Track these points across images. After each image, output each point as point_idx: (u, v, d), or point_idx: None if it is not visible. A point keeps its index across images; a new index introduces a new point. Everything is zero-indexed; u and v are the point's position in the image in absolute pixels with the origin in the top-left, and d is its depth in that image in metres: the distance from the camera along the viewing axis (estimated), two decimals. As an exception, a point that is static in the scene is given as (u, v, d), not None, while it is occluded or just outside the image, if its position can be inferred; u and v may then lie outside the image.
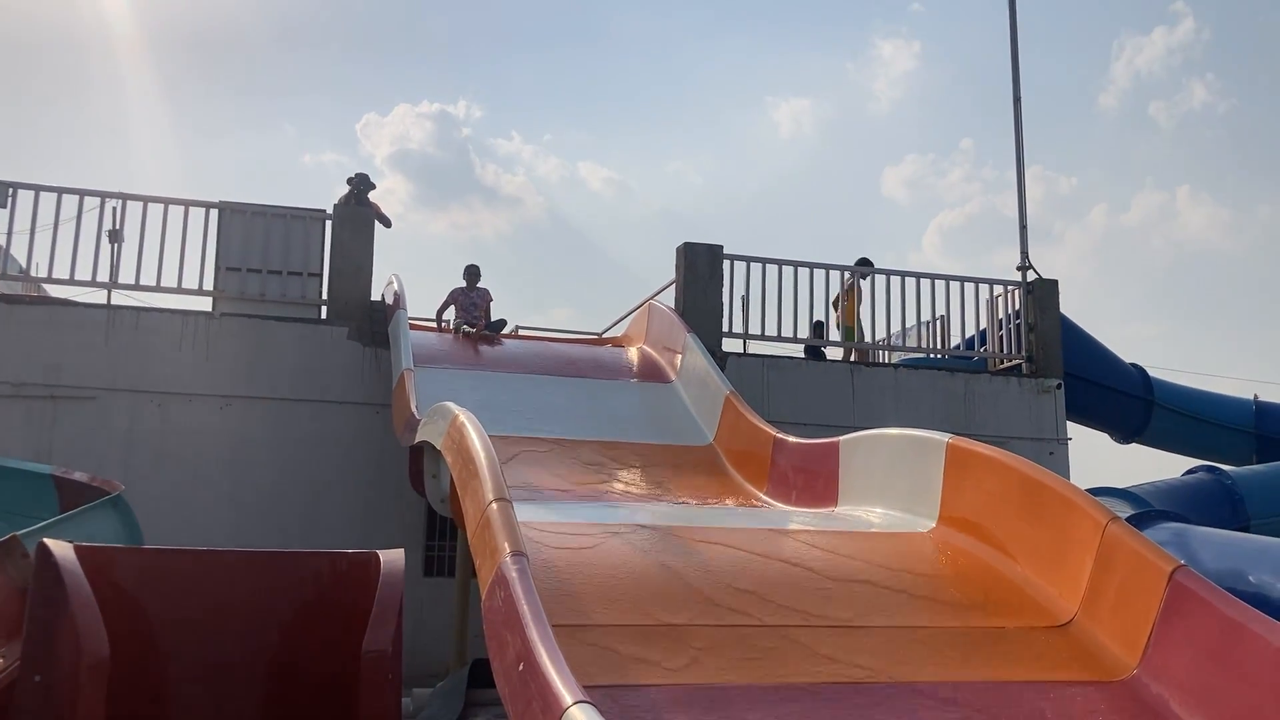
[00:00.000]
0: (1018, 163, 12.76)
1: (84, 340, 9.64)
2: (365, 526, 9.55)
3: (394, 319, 9.91)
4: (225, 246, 10.36)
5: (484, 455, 4.61)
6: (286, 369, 10.09)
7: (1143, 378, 13.94)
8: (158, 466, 9.51)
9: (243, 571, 3.81)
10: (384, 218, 11.30)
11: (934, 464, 5.22)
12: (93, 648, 3.24)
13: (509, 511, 3.99)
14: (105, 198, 10.10)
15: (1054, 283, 12.33)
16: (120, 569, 3.61)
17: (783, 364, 11.46)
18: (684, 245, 11.37)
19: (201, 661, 3.60)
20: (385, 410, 9.37)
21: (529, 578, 3.46)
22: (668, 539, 5.28)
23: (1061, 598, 4.22)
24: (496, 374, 9.71)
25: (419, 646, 8.90)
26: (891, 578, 4.58)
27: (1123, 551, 3.97)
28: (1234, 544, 6.84)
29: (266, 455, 9.88)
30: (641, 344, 11.05)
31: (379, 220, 11.02)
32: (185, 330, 9.92)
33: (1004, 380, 12.00)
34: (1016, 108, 12.89)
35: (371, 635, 3.56)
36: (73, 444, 9.34)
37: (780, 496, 6.90)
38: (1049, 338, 12.15)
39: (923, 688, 3.67)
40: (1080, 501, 4.31)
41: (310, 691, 3.66)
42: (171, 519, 8.77)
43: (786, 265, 11.42)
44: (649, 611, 4.04)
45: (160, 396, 9.72)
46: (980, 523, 4.84)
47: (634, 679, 3.50)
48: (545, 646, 2.98)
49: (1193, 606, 3.62)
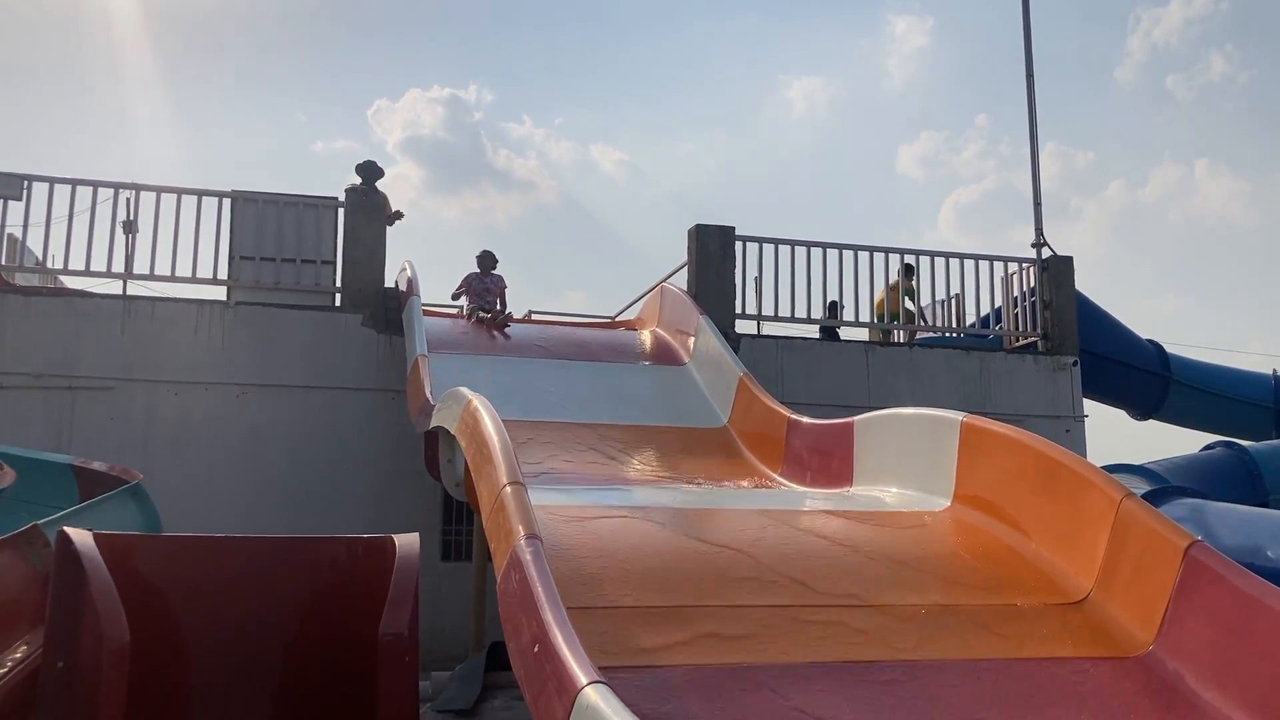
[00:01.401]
0: (1031, 139, 12.67)
1: (101, 331, 9.70)
2: (382, 512, 9.59)
3: (408, 305, 9.93)
4: (239, 235, 10.38)
5: (497, 439, 4.62)
6: (302, 356, 10.13)
7: (1159, 354, 13.85)
8: (175, 455, 9.58)
9: (260, 557, 3.84)
10: (390, 216, 11.03)
11: (948, 443, 5.21)
12: (113, 633, 3.28)
13: (523, 495, 4.00)
14: (119, 189, 10.14)
15: (1069, 259, 12.26)
16: (139, 556, 3.65)
17: (797, 345, 11.43)
18: (696, 227, 11.35)
19: (220, 646, 3.64)
20: (400, 396, 9.41)
21: (543, 560, 3.47)
22: (682, 521, 5.30)
23: (1077, 575, 4.21)
24: (510, 359, 9.72)
25: (438, 630, 8.97)
26: (906, 556, 4.58)
27: (1138, 528, 3.96)
28: (1252, 519, 6.81)
29: (283, 442, 9.93)
30: (654, 327, 11.05)
31: (385, 219, 10.89)
32: (201, 319, 9.97)
33: (1020, 358, 11.95)
34: (1029, 83, 12.78)
35: (388, 618, 3.58)
36: (91, 434, 9.42)
37: (795, 478, 6.90)
38: (1064, 315, 12.09)
39: (937, 665, 3.68)
40: (1095, 478, 4.29)
41: (328, 675, 3.69)
42: (190, 506, 8.82)
43: (799, 246, 11.39)
44: (664, 593, 4.06)
45: (177, 385, 9.78)
46: (995, 501, 4.84)
47: (649, 660, 3.52)
48: (560, 628, 2.99)
49: (1208, 582, 3.61)
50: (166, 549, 3.86)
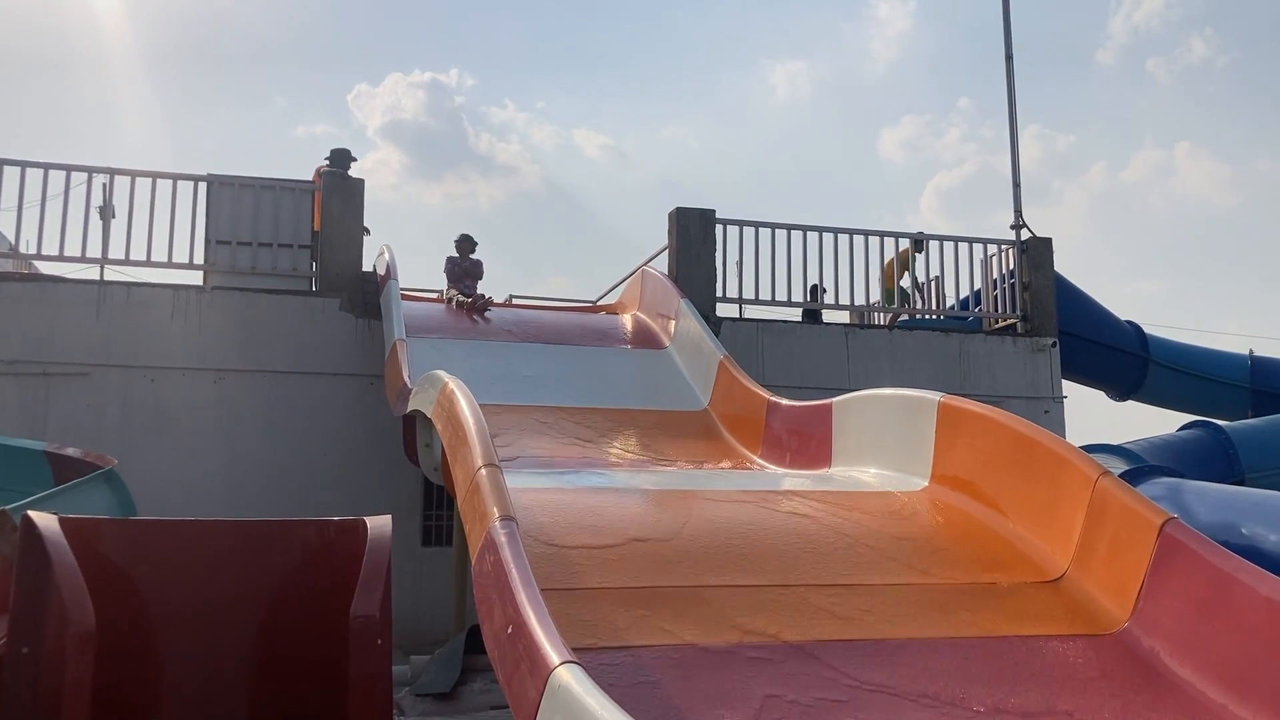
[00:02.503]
0: (1010, 122, 12.66)
1: (76, 316, 9.60)
2: (362, 497, 9.53)
3: (386, 290, 9.87)
4: (215, 220, 10.29)
5: (473, 422, 4.59)
6: (279, 341, 10.06)
7: (1138, 335, 13.92)
8: (152, 441, 9.51)
9: (229, 540, 3.79)
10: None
11: (926, 423, 5.20)
12: (79, 618, 3.24)
13: (498, 476, 3.98)
14: (94, 173, 10.04)
15: (1048, 241, 12.29)
16: (106, 540, 3.60)
17: (777, 328, 11.43)
18: (676, 210, 11.31)
19: (190, 630, 3.60)
20: (379, 381, 9.36)
21: (518, 542, 3.45)
22: (661, 503, 5.29)
23: (1054, 553, 4.22)
24: (489, 343, 9.68)
25: (419, 614, 8.97)
26: (885, 536, 4.58)
27: (1113, 506, 3.96)
28: (1227, 497, 6.85)
29: (261, 428, 9.87)
30: (635, 310, 11.02)
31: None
32: (177, 304, 9.88)
33: (999, 340, 11.99)
34: (1009, 66, 12.77)
35: (359, 601, 3.55)
36: (66, 420, 9.34)
37: (775, 459, 6.89)
38: (1043, 296, 12.13)
39: (916, 644, 3.67)
40: (1071, 457, 4.30)
41: (299, 658, 3.66)
42: (167, 493, 8.77)
43: (780, 229, 11.37)
44: (640, 574, 4.04)
45: (153, 371, 9.70)
46: (972, 480, 4.84)
47: (624, 640, 3.50)
48: (534, 609, 2.97)
49: (1183, 559, 3.62)
50: (134, 533, 3.81)
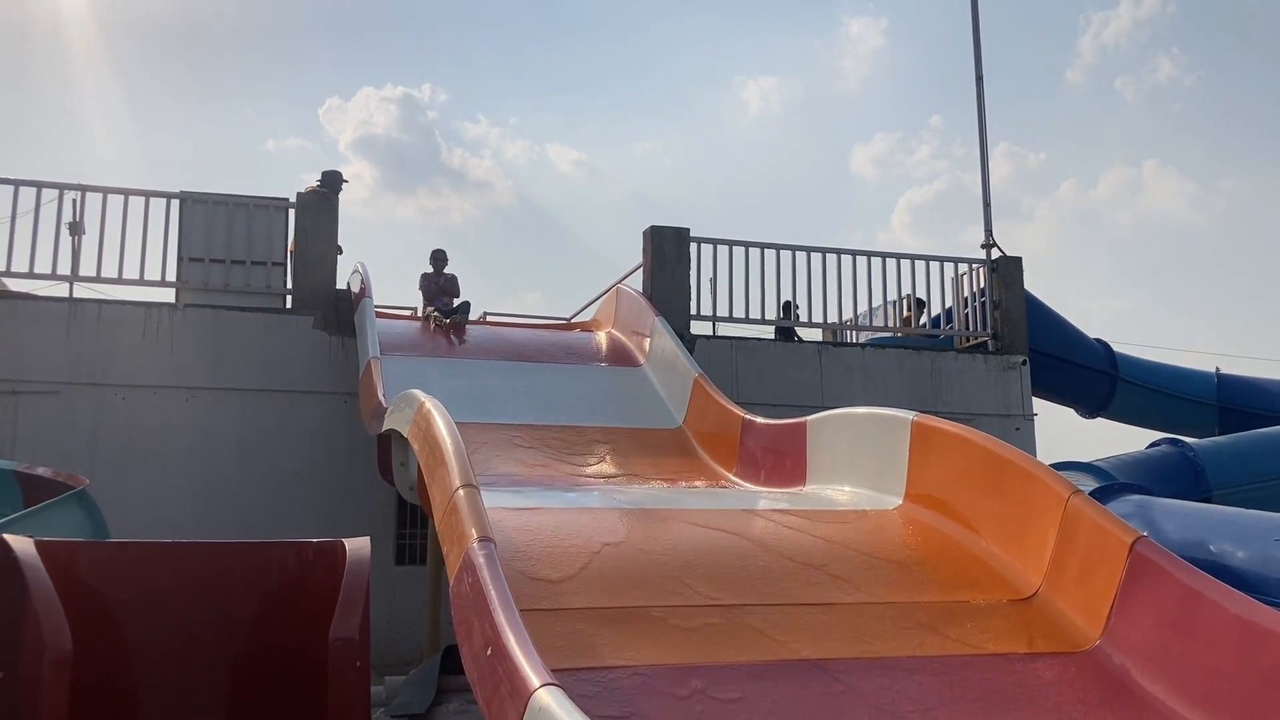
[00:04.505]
0: (981, 142, 12.84)
1: (46, 334, 9.52)
2: (335, 516, 9.50)
3: (360, 307, 9.85)
4: (187, 237, 10.24)
5: (450, 442, 4.59)
6: (252, 359, 10.01)
7: (1107, 353, 14.08)
8: (124, 460, 9.42)
9: (207, 563, 3.78)
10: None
11: (899, 441, 5.25)
12: (55, 642, 3.22)
13: (476, 498, 3.98)
14: (64, 189, 9.96)
15: (1018, 260, 12.43)
16: (82, 563, 3.58)
17: (751, 345, 11.49)
18: (650, 229, 11.37)
19: (167, 653, 3.58)
20: (353, 399, 9.32)
21: (496, 563, 3.46)
22: (637, 522, 5.30)
23: (1026, 571, 4.27)
24: (464, 361, 9.67)
25: (393, 635, 8.94)
26: (858, 555, 4.61)
27: (1084, 524, 4.01)
28: (1195, 514, 6.93)
29: (234, 447, 9.81)
30: (610, 328, 11.04)
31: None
32: (149, 322, 9.81)
33: (970, 357, 12.10)
34: (979, 85, 12.96)
35: (338, 623, 3.54)
36: (36, 439, 9.24)
37: (749, 477, 6.92)
38: (1014, 315, 12.27)
39: (890, 662, 3.71)
40: (1043, 476, 4.35)
41: (278, 681, 3.64)
42: (139, 513, 8.70)
43: (753, 247, 11.46)
44: (618, 594, 4.05)
45: (125, 390, 9.62)
46: (945, 499, 4.89)
47: (603, 660, 3.51)
48: (513, 630, 2.98)
49: (1153, 576, 3.67)
50: (110, 555, 3.79)
